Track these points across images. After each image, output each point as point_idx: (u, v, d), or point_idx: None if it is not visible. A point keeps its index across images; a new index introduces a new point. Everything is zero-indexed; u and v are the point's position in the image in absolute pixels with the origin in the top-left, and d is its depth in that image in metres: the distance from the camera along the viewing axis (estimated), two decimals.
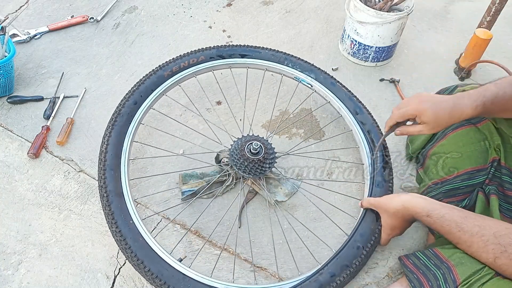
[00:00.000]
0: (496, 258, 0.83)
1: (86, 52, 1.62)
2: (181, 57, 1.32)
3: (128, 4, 1.82)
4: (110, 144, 1.12)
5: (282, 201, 1.24)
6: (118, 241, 1.01)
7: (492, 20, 1.56)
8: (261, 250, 1.16)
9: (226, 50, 1.36)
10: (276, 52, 1.39)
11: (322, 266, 1.02)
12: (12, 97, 1.43)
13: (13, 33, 1.60)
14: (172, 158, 1.32)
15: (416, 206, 0.97)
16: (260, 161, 1.13)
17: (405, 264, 1.02)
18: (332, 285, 1.00)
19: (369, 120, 1.29)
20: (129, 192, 1.07)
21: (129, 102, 1.20)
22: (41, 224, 1.18)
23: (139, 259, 0.98)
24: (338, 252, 1.05)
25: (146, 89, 1.23)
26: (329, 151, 1.37)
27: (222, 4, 1.87)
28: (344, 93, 1.34)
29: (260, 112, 1.46)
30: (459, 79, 1.61)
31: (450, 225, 0.90)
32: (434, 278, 0.92)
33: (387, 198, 1.06)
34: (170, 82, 1.27)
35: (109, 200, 1.04)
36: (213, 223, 1.19)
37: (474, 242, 0.86)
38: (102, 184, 1.06)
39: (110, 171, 1.08)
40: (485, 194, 1.06)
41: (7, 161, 1.30)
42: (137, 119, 1.19)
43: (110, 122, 1.16)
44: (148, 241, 1.01)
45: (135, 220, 1.03)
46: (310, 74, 1.37)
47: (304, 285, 0.98)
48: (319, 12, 1.86)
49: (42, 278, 1.09)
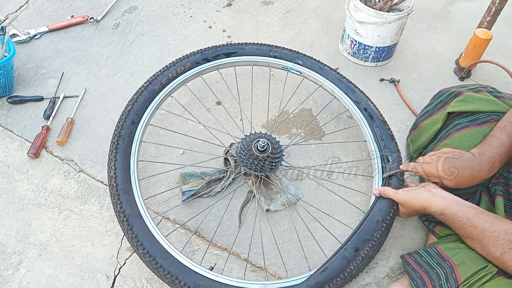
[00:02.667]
0: (504, 253, 0.86)
1: (86, 52, 1.62)
2: (168, 67, 1.31)
3: (128, 4, 1.82)
4: (118, 168, 1.10)
5: (276, 210, 1.23)
6: (147, 262, 1.01)
7: (492, 20, 1.56)
8: (261, 250, 1.16)
9: (210, 52, 1.35)
10: (260, 45, 1.39)
11: (345, 241, 1.05)
12: (12, 97, 1.43)
13: (13, 33, 1.60)
14: (172, 158, 1.32)
15: (432, 205, 0.99)
16: (269, 157, 1.15)
17: (408, 262, 1.03)
18: (357, 259, 1.03)
19: (363, 98, 1.32)
20: (146, 212, 1.06)
21: (127, 122, 1.18)
22: (41, 224, 1.18)
23: (172, 275, 0.98)
24: (358, 227, 1.07)
25: (140, 107, 1.22)
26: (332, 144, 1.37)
27: (222, 4, 1.87)
28: (334, 75, 1.36)
29: (259, 113, 1.46)
30: (459, 79, 1.61)
31: (462, 221, 0.93)
32: (437, 278, 0.93)
33: (407, 195, 1.06)
34: (162, 95, 1.26)
35: (130, 224, 1.03)
36: (213, 223, 1.19)
37: (485, 236, 0.89)
38: (119, 209, 1.05)
39: (124, 194, 1.07)
40: (489, 195, 1.06)
41: (7, 161, 1.30)
42: (138, 138, 1.18)
43: (113, 146, 1.14)
44: (176, 256, 1.00)
45: (158, 238, 1.03)
46: (297, 61, 1.38)
47: (333, 261, 1.02)
48: (319, 12, 1.86)
49: (42, 278, 1.09)
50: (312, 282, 0.99)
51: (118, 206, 1.05)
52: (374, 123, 1.27)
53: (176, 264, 0.99)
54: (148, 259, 1.00)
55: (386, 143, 1.23)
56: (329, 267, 1.01)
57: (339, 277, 1.00)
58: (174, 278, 0.97)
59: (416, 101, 1.52)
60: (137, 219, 1.04)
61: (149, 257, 1.00)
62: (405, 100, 1.52)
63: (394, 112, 1.48)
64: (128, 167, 1.12)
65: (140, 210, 1.06)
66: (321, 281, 0.99)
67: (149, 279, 1.10)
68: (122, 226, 1.05)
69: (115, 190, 1.07)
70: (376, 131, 1.26)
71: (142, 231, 1.02)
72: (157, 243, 1.01)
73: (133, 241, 1.02)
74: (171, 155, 1.34)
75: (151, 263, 1.00)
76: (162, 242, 1.02)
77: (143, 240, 1.01)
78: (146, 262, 1.02)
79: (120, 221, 1.06)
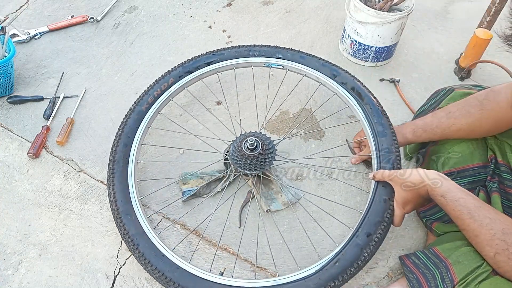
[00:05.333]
0: (497, 254, 0.84)
1: (86, 52, 1.62)
2: (152, 86, 1.31)
3: (128, 4, 1.82)
4: (117, 191, 1.12)
5: (277, 210, 1.23)
6: (158, 278, 1.02)
7: (492, 20, 1.56)
8: (262, 250, 1.16)
9: (191, 64, 1.35)
10: (239, 47, 1.39)
11: (355, 228, 1.03)
12: (12, 97, 1.43)
13: (13, 33, 1.60)
14: (172, 159, 1.32)
15: (433, 181, 0.95)
16: (260, 154, 1.15)
17: (405, 264, 1.02)
18: (371, 244, 1.01)
19: (349, 78, 1.30)
20: (150, 230, 1.07)
21: (120, 146, 1.19)
22: (41, 224, 1.18)
23: (184, 286, 0.99)
24: (366, 212, 1.05)
25: (131, 129, 1.23)
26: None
27: (222, 4, 1.87)
28: (316, 62, 1.34)
29: (253, 114, 1.46)
30: (459, 79, 1.61)
31: (462, 211, 0.89)
32: (432, 278, 0.92)
33: (405, 171, 1.02)
34: (150, 114, 1.26)
35: (135, 243, 1.05)
36: (213, 223, 1.19)
37: (482, 233, 0.86)
38: (123, 231, 1.07)
39: (126, 216, 1.08)
40: (486, 192, 1.06)
41: (7, 161, 1.30)
42: (132, 159, 1.19)
43: (109, 171, 1.15)
44: (185, 267, 1.01)
45: (165, 252, 1.04)
46: (277, 55, 1.37)
47: (345, 250, 1.00)
48: (319, 12, 1.86)
49: (42, 278, 1.09)
50: (325, 274, 0.97)
51: (122, 229, 1.08)
52: (363, 101, 1.25)
53: (184, 275, 1.00)
54: (158, 275, 1.01)
55: (378, 119, 1.20)
56: (341, 257, 0.99)
57: (353, 267, 0.98)
58: None
59: (416, 101, 1.52)
60: (142, 238, 1.06)
61: (158, 273, 1.01)
62: (405, 100, 1.52)
63: (394, 112, 1.48)
64: (127, 189, 1.13)
65: (144, 229, 1.07)
66: (334, 273, 0.97)
67: (149, 279, 1.10)
68: (129, 247, 1.07)
69: (116, 213, 1.09)
70: (366, 108, 1.23)
71: (148, 248, 1.04)
72: (164, 258, 1.02)
73: (141, 260, 1.04)
74: (171, 155, 1.34)
75: (161, 278, 1.01)
76: (170, 256, 1.03)
77: (149, 257, 1.03)
78: (157, 278, 1.03)
79: (126, 242, 1.07)
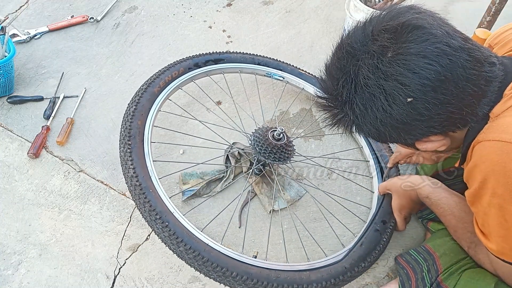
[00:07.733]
0: (469, 248, 0.90)
1: (86, 52, 1.62)
2: (163, 71, 1.28)
3: (128, 4, 1.82)
4: (137, 167, 1.06)
5: (282, 208, 1.23)
6: (191, 258, 0.98)
7: (492, 20, 1.56)
8: (262, 250, 1.16)
9: (200, 58, 1.37)
10: (245, 54, 1.47)
11: (373, 216, 1.15)
12: (12, 97, 1.43)
13: (13, 33, 1.60)
14: (172, 158, 1.32)
15: (420, 186, 1.03)
16: (286, 145, 1.17)
17: (399, 262, 1.06)
18: (387, 231, 1.12)
19: None
20: (176, 209, 1.03)
21: (134, 122, 1.15)
22: (41, 224, 1.18)
23: (223, 267, 0.96)
24: (381, 202, 1.17)
25: (144, 108, 1.18)
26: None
27: (222, 4, 1.87)
28: (313, 79, 1.46)
29: (260, 113, 1.46)
30: None
31: (444, 208, 0.96)
32: (420, 270, 0.97)
33: (399, 179, 1.11)
34: (162, 97, 1.25)
35: (164, 221, 0.99)
36: (213, 223, 1.19)
37: (459, 227, 0.93)
38: (148, 208, 1.01)
39: (149, 192, 1.03)
40: None
41: (7, 161, 1.30)
42: (148, 137, 1.14)
43: (125, 146, 1.09)
44: (219, 249, 0.99)
45: (194, 232, 1.00)
46: (279, 68, 1.48)
47: (367, 234, 1.11)
48: (319, 12, 1.86)
49: (42, 278, 1.09)
50: (354, 255, 1.06)
51: (146, 205, 1.01)
52: None
53: (219, 257, 0.98)
54: (191, 255, 0.97)
55: None
56: (365, 240, 1.09)
57: (376, 249, 1.08)
58: (220, 268, 0.96)
59: None
60: (170, 216, 1.00)
61: (193, 252, 0.97)
62: None
63: None
64: (145, 166, 1.08)
65: (168, 207, 1.02)
66: (362, 254, 1.06)
67: (149, 279, 1.10)
68: (153, 225, 1.01)
69: (139, 190, 1.03)
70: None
71: (178, 227, 0.99)
72: (195, 238, 0.99)
73: (172, 239, 0.99)
74: (171, 154, 1.34)
75: (195, 259, 0.97)
76: (200, 236, 1.00)
77: (182, 236, 0.98)
78: (187, 260, 0.99)
79: (150, 221, 1.01)
